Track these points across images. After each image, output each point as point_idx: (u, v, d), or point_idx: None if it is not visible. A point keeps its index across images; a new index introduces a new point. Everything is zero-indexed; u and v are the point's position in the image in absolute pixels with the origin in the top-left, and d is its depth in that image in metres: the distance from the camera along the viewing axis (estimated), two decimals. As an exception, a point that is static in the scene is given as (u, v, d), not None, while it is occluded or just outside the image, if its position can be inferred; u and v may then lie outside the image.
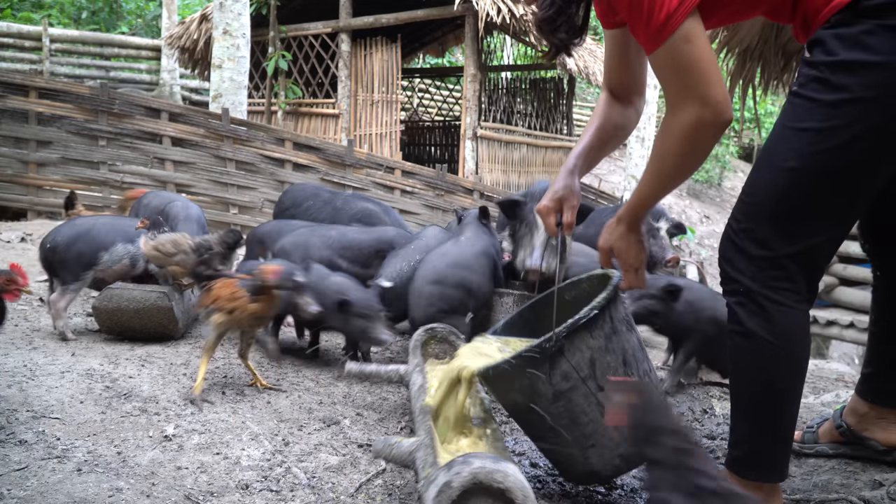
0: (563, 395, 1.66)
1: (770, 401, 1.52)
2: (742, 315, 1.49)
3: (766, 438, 1.55)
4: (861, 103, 1.35)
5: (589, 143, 1.81)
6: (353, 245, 3.47)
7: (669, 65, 1.42)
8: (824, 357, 5.38)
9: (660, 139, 1.50)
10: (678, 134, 1.44)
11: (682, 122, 1.42)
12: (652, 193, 1.57)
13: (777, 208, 1.45)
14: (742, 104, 6.58)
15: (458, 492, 1.46)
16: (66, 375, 2.50)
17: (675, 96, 1.44)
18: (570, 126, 12.35)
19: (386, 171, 7.64)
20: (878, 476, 1.84)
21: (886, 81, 1.33)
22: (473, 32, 9.04)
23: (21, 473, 1.79)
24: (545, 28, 1.69)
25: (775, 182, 1.46)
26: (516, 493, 1.47)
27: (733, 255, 1.51)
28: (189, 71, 11.89)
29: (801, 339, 1.50)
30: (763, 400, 1.53)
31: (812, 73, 1.41)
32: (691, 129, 1.42)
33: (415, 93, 15.44)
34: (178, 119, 6.82)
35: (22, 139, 6.36)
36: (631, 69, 1.80)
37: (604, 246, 1.67)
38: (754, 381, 1.53)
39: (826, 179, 1.42)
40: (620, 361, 1.68)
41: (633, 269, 1.65)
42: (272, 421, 2.32)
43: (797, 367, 1.52)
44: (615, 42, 1.78)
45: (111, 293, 2.98)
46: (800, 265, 1.46)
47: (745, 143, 21.17)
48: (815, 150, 1.40)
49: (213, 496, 1.80)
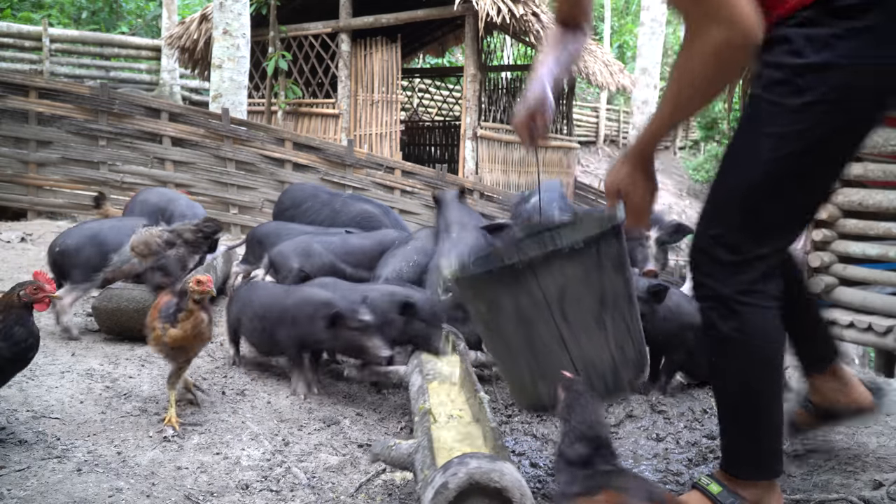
0: (525, 318, 1.60)
1: (750, 400, 1.54)
2: (716, 319, 1.50)
3: (750, 437, 1.57)
4: (825, 105, 1.36)
5: (552, 63, 1.84)
6: (356, 250, 3.47)
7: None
8: (824, 357, 5.38)
9: (682, 64, 1.38)
10: (705, 58, 1.34)
11: (710, 44, 1.31)
12: (665, 123, 1.48)
13: (746, 213, 1.46)
14: (742, 104, 6.59)
15: (455, 493, 1.46)
16: (66, 375, 2.50)
17: (699, 19, 1.33)
18: (570, 126, 12.35)
19: (386, 171, 7.64)
20: (878, 476, 1.84)
21: (850, 84, 1.34)
22: (473, 32, 9.04)
23: (21, 473, 1.79)
24: None
25: (742, 187, 1.46)
26: (513, 493, 1.47)
27: (703, 261, 1.52)
28: (189, 71, 11.88)
29: (775, 337, 1.53)
30: (743, 400, 1.55)
31: (777, 76, 1.40)
32: (719, 51, 1.31)
33: (415, 93, 15.43)
34: (178, 119, 6.82)
35: (22, 139, 6.36)
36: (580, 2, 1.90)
37: (610, 187, 1.59)
38: (733, 383, 1.55)
39: (791, 181, 1.43)
40: (597, 299, 1.59)
41: (638, 211, 1.58)
42: (272, 421, 2.32)
43: (774, 365, 1.54)
44: None
45: (111, 293, 2.98)
46: (769, 266, 1.48)
47: (746, 143, 21.15)
48: (780, 155, 1.41)
49: (213, 496, 1.80)
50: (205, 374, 2.70)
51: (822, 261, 4.90)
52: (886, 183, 4.74)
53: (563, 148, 11.95)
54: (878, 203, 4.69)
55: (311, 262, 3.32)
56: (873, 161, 4.79)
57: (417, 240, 3.43)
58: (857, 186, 4.87)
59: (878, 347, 4.87)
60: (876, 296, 4.74)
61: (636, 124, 10.30)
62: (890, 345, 4.52)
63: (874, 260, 4.82)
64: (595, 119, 19.63)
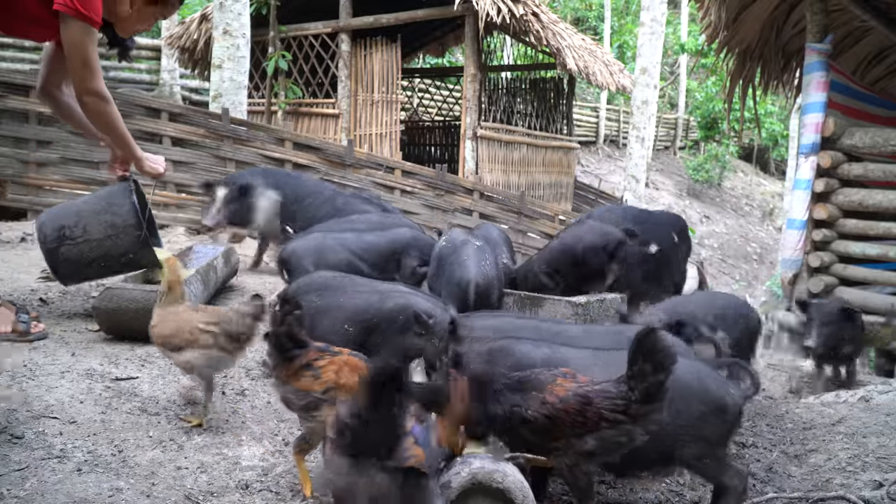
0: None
1: None
2: None
3: None
4: None
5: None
6: (372, 249, 3.40)
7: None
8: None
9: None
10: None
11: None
12: None
13: None
14: (742, 104, 6.58)
15: (457, 492, 1.46)
16: (66, 375, 2.50)
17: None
18: (570, 126, 12.35)
19: (386, 171, 7.64)
20: (878, 476, 1.84)
21: None
22: (473, 32, 9.04)
23: (21, 473, 1.79)
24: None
25: None
26: (515, 494, 1.47)
27: None
28: (189, 71, 11.87)
29: None
30: None
31: None
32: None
33: (415, 93, 15.42)
34: (178, 119, 6.81)
35: (22, 139, 6.36)
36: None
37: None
38: None
39: None
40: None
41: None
42: (272, 421, 2.32)
43: None
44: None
45: (111, 293, 2.97)
46: None
47: (745, 143, 21.17)
48: None
49: (213, 496, 1.80)
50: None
51: (822, 261, 4.90)
52: (886, 183, 4.74)
53: (563, 148, 11.95)
54: (878, 203, 4.69)
55: (325, 260, 3.22)
56: (873, 161, 4.79)
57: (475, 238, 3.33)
58: (857, 186, 4.87)
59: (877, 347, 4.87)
60: (876, 296, 4.74)
61: (636, 124, 10.27)
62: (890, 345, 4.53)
63: (874, 260, 4.82)
64: (595, 119, 19.63)
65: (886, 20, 5.54)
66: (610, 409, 1.69)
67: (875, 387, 3.48)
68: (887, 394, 3.23)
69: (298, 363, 1.85)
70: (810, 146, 4.88)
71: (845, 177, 4.84)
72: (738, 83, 6.34)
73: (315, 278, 2.79)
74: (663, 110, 21.33)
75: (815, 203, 4.90)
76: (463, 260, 3.07)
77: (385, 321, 2.50)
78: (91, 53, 2.24)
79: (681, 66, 21.44)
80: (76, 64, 2.23)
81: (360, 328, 2.49)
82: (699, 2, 5.75)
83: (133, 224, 3.04)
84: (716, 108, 17.28)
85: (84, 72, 2.24)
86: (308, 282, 2.75)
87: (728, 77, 6.38)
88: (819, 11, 5.05)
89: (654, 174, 17.20)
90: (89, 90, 2.27)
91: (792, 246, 5.03)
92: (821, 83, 4.91)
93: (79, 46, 2.19)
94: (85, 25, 2.17)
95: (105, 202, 3.13)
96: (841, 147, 4.81)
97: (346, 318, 2.51)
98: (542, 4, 9.27)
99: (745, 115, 7.79)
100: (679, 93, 22.09)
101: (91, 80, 2.26)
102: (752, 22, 5.74)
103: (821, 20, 5.05)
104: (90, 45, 2.22)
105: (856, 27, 5.89)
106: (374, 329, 2.50)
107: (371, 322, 2.50)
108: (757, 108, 6.95)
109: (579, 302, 3.16)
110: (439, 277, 3.16)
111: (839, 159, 4.82)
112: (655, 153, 18.63)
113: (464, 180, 8.59)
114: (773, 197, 19.64)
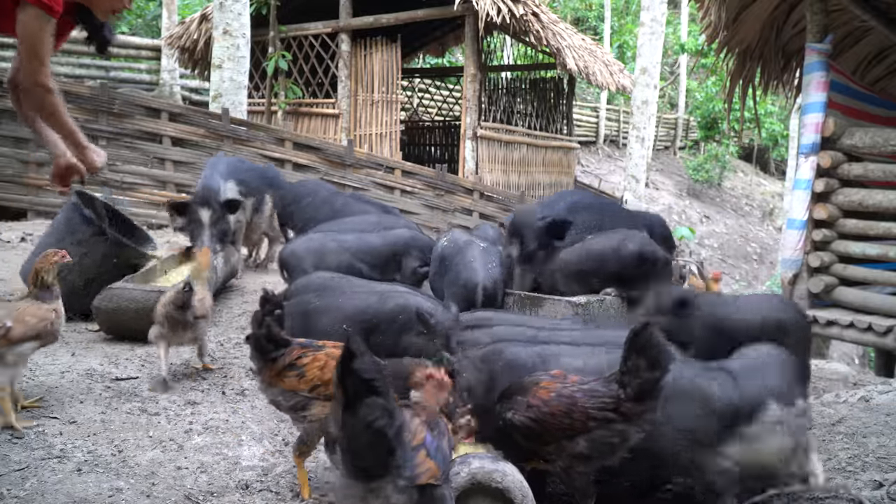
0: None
1: None
2: None
3: None
4: None
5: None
6: (372, 250, 3.40)
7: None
8: (824, 357, 5.37)
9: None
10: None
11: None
12: None
13: None
14: (742, 104, 6.58)
15: (457, 492, 1.46)
16: (66, 375, 2.50)
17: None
18: (570, 126, 12.35)
19: (386, 171, 7.64)
20: (878, 476, 1.84)
21: None
22: (473, 32, 9.04)
23: (21, 473, 1.79)
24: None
25: None
26: (515, 493, 1.47)
27: None
28: (189, 71, 11.87)
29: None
30: None
31: None
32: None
33: (415, 93, 15.42)
34: (178, 119, 6.82)
35: (22, 139, 6.36)
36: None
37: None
38: None
39: None
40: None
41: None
42: (272, 421, 2.32)
43: None
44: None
45: (111, 293, 2.98)
46: None
47: (745, 143, 21.17)
48: None
49: (213, 496, 1.80)
50: (205, 374, 2.70)
51: (822, 261, 4.90)
52: (886, 183, 4.74)
53: (563, 148, 11.95)
54: (878, 203, 4.69)
55: (326, 262, 3.22)
56: (873, 161, 4.79)
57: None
58: (857, 186, 4.86)
59: (878, 347, 4.87)
60: (876, 296, 4.74)
61: (636, 124, 10.27)
62: (890, 345, 4.52)
63: (874, 260, 4.82)
64: (595, 119, 19.62)
65: (886, 20, 5.54)
66: (598, 409, 1.68)
67: (875, 387, 3.47)
68: (887, 394, 3.23)
69: (281, 363, 1.83)
70: (810, 146, 4.88)
71: (845, 177, 4.84)
72: (738, 83, 6.33)
73: (314, 279, 2.79)
74: (663, 110, 21.33)
75: (815, 203, 4.90)
76: (469, 261, 3.07)
77: (385, 321, 2.50)
78: (42, 43, 2.15)
79: (681, 66, 21.44)
80: (26, 53, 2.16)
81: (359, 329, 2.49)
82: (699, 2, 5.75)
83: (95, 232, 3.10)
84: (716, 108, 17.28)
85: (33, 62, 2.16)
86: (307, 282, 2.75)
87: (728, 77, 6.38)
88: (819, 11, 5.05)
89: (654, 174, 17.20)
90: (36, 82, 2.20)
91: (792, 246, 5.02)
92: (821, 83, 4.91)
93: (31, 35, 2.12)
94: (40, 13, 2.09)
95: (63, 227, 3.23)
96: (841, 147, 4.81)
97: (346, 318, 2.50)
98: (542, 4, 9.27)
99: (745, 115, 7.79)
100: (679, 93, 22.10)
101: (38, 73, 2.19)
102: (752, 22, 5.74)
103: (821, 20, 5.04)
104: (43, 35, 2.13)
105: (856, 27, 5.89)
106: (374, 329, 2.49)
107: (371, 322, 2.50)
108: (757, 108, 6.94)
109: (579, 302, 3.15)
110: (442, 277, 3.16)
111: (839, 159, 4.82)
112: (655, 153, 18.62)
113: (464, 180, 8.59)
114: (773, 197, 19.64)
